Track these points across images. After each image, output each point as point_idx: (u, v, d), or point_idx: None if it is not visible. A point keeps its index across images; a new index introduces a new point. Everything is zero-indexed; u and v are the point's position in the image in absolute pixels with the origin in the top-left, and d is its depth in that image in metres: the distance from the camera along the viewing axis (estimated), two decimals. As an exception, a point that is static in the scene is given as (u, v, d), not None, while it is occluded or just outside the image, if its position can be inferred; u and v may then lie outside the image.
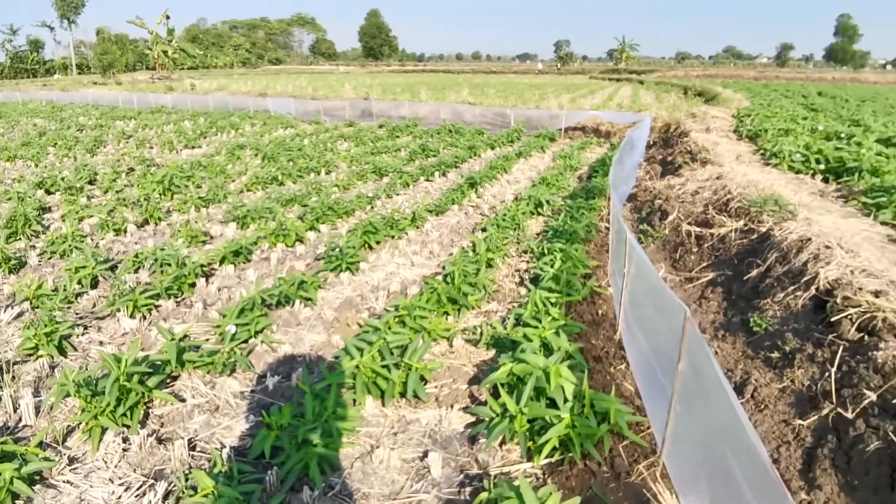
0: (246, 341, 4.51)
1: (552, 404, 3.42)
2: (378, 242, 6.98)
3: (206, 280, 5.83)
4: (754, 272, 5.44)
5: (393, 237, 7.23)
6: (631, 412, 3.45)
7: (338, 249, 6.13)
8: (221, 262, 6.24)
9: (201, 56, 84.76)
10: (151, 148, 14.51)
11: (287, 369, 4.25)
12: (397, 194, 9.70)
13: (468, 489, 3.13)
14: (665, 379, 3.09)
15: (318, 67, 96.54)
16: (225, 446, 3.41)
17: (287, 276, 5.54)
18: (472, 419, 3.68)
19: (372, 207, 8.72)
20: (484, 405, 3.63)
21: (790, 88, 36.28)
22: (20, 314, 5.16)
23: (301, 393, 3.65)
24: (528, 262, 6.57)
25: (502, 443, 3.45)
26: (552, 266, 5.71)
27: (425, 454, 3.36)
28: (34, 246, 7.01)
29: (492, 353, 4.47)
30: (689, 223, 7.07)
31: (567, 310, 5.07)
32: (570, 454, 3.22)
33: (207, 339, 4.65)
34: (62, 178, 10.06)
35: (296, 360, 4.40)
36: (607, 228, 7.48)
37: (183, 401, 3.86)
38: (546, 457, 3.26)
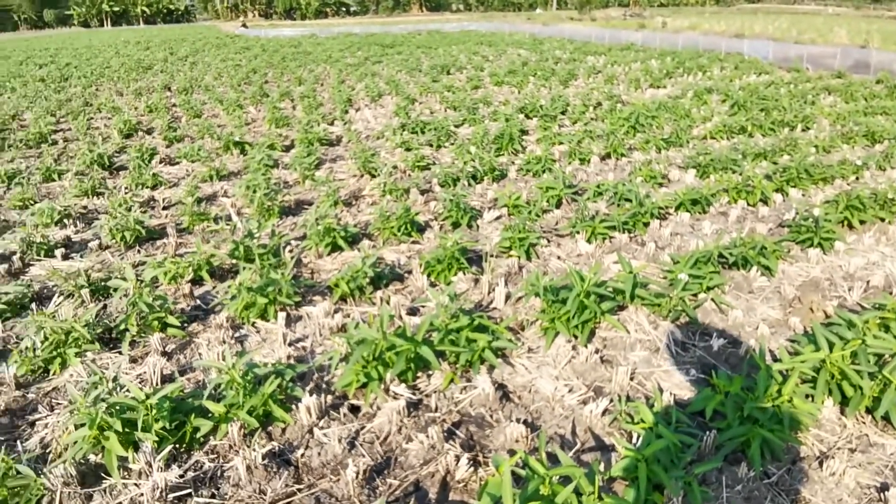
0: (695, 295, 4.43)
1: None
2: (862, 222, 5.83)
3: (660, 223, 5.90)
4: None
5: (883, 220, 5.93)
6: None
7: (812, 220, 5.37)
8: (677, 208, 6.20)
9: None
10: (618, 85, 15.11)
11: (734, 335, 4.03)
12: (894, 168, 7.85)
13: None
14: None
15: (803, 7, 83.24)
16: (663, 390, 3.49)
17: (746, 237, 5.16)
18: (972, 476, 2.87)
19: (857, 178, 7.30)
20: None
21: None
22: (498, 217, 6.24)
23: (752, 366, 3.43)
24: None
25: None
26: None
27: (885, 487, 2.80)
28: (513, 162, 8.27)
29: None
30: None
31: None
32: None
33: (655, 282, 4.75)
34: (540, 106, 11.47)
35: (744, 328, 4.13)
36: None
37: (627, 332, 4.09)
38: None
